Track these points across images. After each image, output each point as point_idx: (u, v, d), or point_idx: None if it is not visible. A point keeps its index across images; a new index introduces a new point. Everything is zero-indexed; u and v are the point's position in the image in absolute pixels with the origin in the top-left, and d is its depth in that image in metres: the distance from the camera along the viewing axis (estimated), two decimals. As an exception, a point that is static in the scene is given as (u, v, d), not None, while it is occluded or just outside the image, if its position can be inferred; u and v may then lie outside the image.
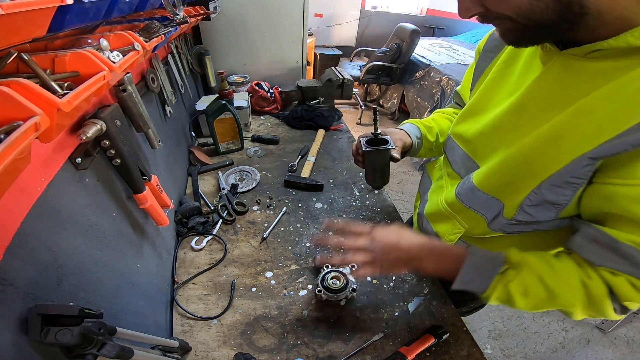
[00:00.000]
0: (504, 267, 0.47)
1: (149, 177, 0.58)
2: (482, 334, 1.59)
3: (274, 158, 1.20)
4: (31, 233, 0.33)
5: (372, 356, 0.61)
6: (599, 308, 0.45)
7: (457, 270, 0.49)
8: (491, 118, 0.55)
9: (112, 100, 0.53)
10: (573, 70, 0.43)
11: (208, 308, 0.69)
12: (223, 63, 1.55)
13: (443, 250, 0.53)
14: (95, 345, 0.33)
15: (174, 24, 0.65)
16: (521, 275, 0.46)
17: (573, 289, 0.45)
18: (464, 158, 0.61)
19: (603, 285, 0.44)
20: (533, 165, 0.46)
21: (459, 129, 0.64)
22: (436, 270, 0.53)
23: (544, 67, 0.47)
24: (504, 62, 0.57)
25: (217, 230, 0.87)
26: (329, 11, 4.86)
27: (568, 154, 0.42)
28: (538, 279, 0.46)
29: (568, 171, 0.42)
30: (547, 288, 0.46)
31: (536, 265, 0.47)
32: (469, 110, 0.62)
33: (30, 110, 0.25)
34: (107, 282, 0.47)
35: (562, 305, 0.47)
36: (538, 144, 0.45)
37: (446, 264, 0.52)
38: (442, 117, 0.82)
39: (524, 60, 0.53)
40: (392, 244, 0.54)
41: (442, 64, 2.94)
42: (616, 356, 1.52)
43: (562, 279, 0.45)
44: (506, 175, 0.50)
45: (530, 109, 0.48)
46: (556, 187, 0.44)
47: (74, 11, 0.33)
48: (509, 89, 0.54)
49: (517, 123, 0.50)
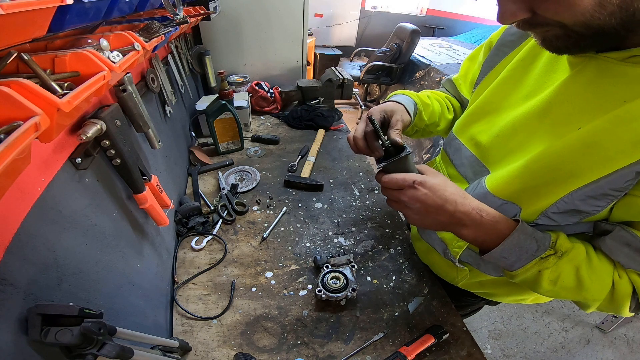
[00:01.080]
0: (547, 252, 0.44)
1: (149, 177, 0.58)
2: (482, 334, 1.59)
3: (274, 158, 1.20)
4: (31, 233, 0.33)
5: (372, 356, 0.61)
6: (617, 305, 0.45)
7: (495, 244, 0.46)
8: (509, 120, 0.52)
9: (112, 100, 0.53)
10: (610, 75, 0.40)
11: (208, 308, 0.69)
12: (223, 63, 1.55)
13: (490, 224, 0.46)
14: (95, 345, 0.33)
15: (174, 24, 0.65)
16: (559, 263, 0.44)
17: (603, 286, 0.44)
18: (472, 161, 0.58)
19: (629, 285, 0.44)
20: (561, 172, 0.43)
21: (468, 129, 0.60)
22: (473, 240, 0.48)
23: (574, 70, 0.44)
24: (521, 60, 0.54)
25: (217, 230, 0.87)
26: (329, 11, 4.86)
27: (607, 164, 0.39)
28: (574, 270, 0.44)
29: (609, 183, 0.39)
30: (579, 280, 0.44)
31: (579, 255, 0.45)
32: (480, 110, 0.58)
33: (30, 110, 0.25)
34: (107, 282, 0.47)
35: (585, 298, 0.46)
36: (568, 151, 0.42)
37: (487, 237, 0.47)
38: (435, 98, 0.75)
39: (546, 60, 0.50)
40: (436, 204, 0.46)
41: (442, 64, 2.94)
42: (616, 356, 1.52)
43: (596, 274, 0.44)
44: (527, 182, 0.46)
45: (557, 113, 0.45)
46: (591, 198, 0.41)
47: (74, 11, 0.33)
48: (526, 89, 0.51)
49: (540, 127, 0.47)
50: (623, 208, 0.42)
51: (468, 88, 0.71)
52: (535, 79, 0.51)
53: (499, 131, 0.53)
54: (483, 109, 0.58)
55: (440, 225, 0.48)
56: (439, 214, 0.46)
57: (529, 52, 0.53)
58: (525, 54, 0.54)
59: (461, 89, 0.74)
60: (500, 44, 0.60)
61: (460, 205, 0.46)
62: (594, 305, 0.47)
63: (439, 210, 0.46)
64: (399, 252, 0.83)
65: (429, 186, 0.46)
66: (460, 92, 0.75)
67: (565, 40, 0.38)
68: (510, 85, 0.55)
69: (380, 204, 0.99)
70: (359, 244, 0.86)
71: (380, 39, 4.35)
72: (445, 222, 0.47)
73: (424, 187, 0.46)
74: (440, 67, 2.82)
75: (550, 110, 0.46)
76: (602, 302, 0.45)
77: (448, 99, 0.77)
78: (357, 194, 1.04)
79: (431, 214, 0.47)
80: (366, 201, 1.00)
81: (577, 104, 0.43)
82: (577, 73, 0.44)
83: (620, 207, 0.42)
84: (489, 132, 0.55)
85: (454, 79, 0.76)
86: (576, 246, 0.45)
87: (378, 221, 0.93)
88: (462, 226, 0.47)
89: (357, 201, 1.00)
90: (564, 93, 0.45)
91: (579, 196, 0.42)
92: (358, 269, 0.78)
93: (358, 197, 1.02)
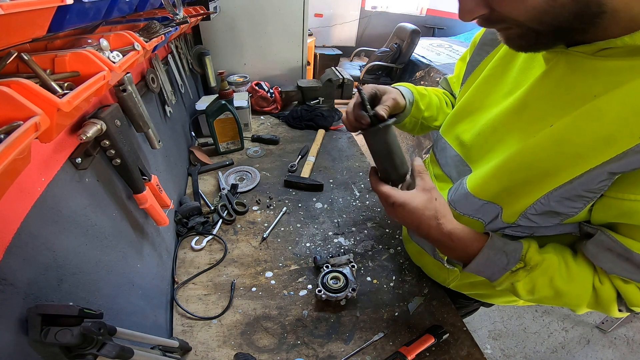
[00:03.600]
0: (517, 266, 0.45)
1: (149, 177, 0.58)
2: (482, 334, 1.59)
3: (274, 158, 1.20)
4: (31, 233, 0.33)
5: (372, 356, 0.61)
6: (603, 309, 0.45)
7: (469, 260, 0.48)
8: (489, 118, 0.52)
9: (112, 100, 0.53)
10: (580, 69, 0.40)
11: (208, 308, 0.69)
12: (223, 63, 1.55)
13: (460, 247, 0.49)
14: (95, 345, 0.33)
15: (174, 24, 0.65)
16: (532, 275, 0.45)
17: (582, 293, 0.45)
18: (456, 160, 0.58)
19: (613, 291, 0.43)
20: (536, 170, 0.43)
21: (453, 129, 0.60)
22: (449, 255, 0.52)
23: (547, 66, 0.44)
24: (501, 58, 0.54)
25: (217, 230, 0.87)
26: (329, 11, 4.86)
27: (579, 162, 0.38)
28: (548, 281, 0.45)
29: (582, 184, 0.39)
30: (555, 289, 0.45)
31: (551, 265, 0.45)
32: (464, 109, 0.59)
33: (30, 110, 0.25)
34: (107, 282, 0.47)
35: (566, 304, 0.47)
36: (540, 148, 0.42)
37: (460, 257, 0.50)
38: (433, 92, 0.75)
39: (524, 57, 0.50)
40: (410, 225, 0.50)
41: (442, 64, 2.94)
42: (616, 356, 1.52)
43: (574, 282, 0.45)
44: (504, 181, 0.47)
45: (532, 110, 0.45)
46: (566, 199, 0.41)
47: (74, 11, 0.33)
48: (507, 87, 0.51)
49: (517, 124, 0.47)
50: (601, 210, 0.41)
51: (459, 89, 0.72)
52: (514, 76, 0.51)
53: (479, 129, 0.53)
54: (466, 108, 0.58)
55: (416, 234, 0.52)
56: (415, 231, 0.50)
57: (509, 50, 0.53)
58: (505, 52, 0.54)
59: (454, 88, 0.75)
60: (482, 42, 0.60)
61: (433, 229, 0.48)
62: (579, 310, 0.47)
63: (415, 229, 0.50)
64: (399, 252, 0.83)
65: (407, 210, 0.49)
66: (454, 91, 0.75)
67: (525, 39, 0.38)
68: (492, 83, 0.55)
69: (380, 204, 0.99)
70: (359, 244, 0.86)
71: (380, 39, 4.35)
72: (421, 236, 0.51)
73: (403, 209, 0.49)
74: (440, 67, 2.82)
75: (527, 107, 0.46)
76: (588, 306, 0.46)
77: (446, 95, 0.77)
78: (357, 194, 1.04)
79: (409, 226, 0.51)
80: (366, 201, 1.00)
81: (549, 100, 0.43)
82: (550, 69, 0.43)
83: (598, 209, 0.41)
84: (471, 131, 0.55)
85: (449, 79, 0.77)
86: (547, 257, 0.46)
87: (378, 221, 0.93)
88: (436, 245, 0.52)
89: (357, 201, 1.00)
90: (539, 89, 0.45)
91: (555, 197, 0.42)
92: (358, 269, 0.78)
93: (358, 197, 1.02)
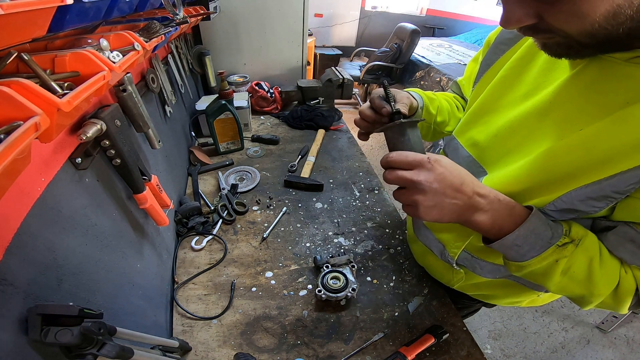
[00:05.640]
0: (563, 240, 0.42)
1: (149, 177, 0.58)
2: (482, 334, 1.59)
3: (274, 158, 1.20)
4: (31, 233, 0.33)
5: (372, 356, 0.61)
6: (619, 301, 0.44)
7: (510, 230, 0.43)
8: (507, 120, 0.51)
9: (112, 100, 0.53)
10: (613, 75, 0.39)
11: (208, 308, 0.69)
12: (223, 63, 1.55)
13: (508, 205, 0.44)
14: (95, 345, 0.33)
15: (174, 24, 0.65)
16: (575, 252, 0.42)
17: (611, 281, 0.43)
18: (469, 162, 0.57)
19: (633, 282, 0.43)
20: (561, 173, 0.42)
21: (466, 130, 0.59)
22: (489, 225, 0.44)
23: (575, 70, 0.43)
24: (520, 59, 0.53)
25: (217, 230, 0.87)
26: (329, 11, 4.86)
27: (608, 166, 0.38)
28: (587, 261, 0.42)
29: (612, 185, 0.38)
30: (590, 272, 0.42)
31: (592, 245, 0.43)
32: (479, 110, 0.58)
33: (30, 110, 0.25)
34: (107, 282, 0.47)
35: (590, 293, 0.44)
36: (567, 151, 0.41)
37: (504, 222, 0.44)
38: (443, 97, 0.73)
39: (545, 58, 0.49)
40: (453, 185, 0.42)
41: (442, 64, 2.94)
42: (616, 356, 1.52)
43: (606, 268, 0.43)
44: (524, 183, 0.45)
45: (557, 114, 0.44)
46: (591, 199, 0.40)
47: (74, 11, 0.33)
48: (524, 88, 0.50)
49: (540, 127, 0.46)
50: (625, 210, 0.41)
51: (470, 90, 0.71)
52: (534, 77, 0.50)
53: (497, 131, 0.52)
54: (482, 109, 0.57)
55: (455, 211, 0.43)
56: (456, 197, 0.42)
57: (528, 50, 0.52)
58: (524, 52, 0.53)
59: (465, 91, 0.74)
60: (498, 41, 0.59)
61: (477, 186, 0.43)
62: (596, 301, 0.45)
63: (457, 192, 0.42)
64: (399, 252, 0.83)
65: (444, 164, 0.42)
66: (464, 94, 0.74)
67: (567, 49, 0.37)
68: (508, 84, 0.54)
69: (380, 204, 0.99)
70: (359, 244, 0.86)
71: (380, 39, 4.36)
72: (462, 206, 0.43)
73: (440, 165, 0.42)
74: (440, 67, 2.82)
75: (551, 111, 0.45)
76: (606, 298, 0.44)
77: (456, 99, 0.76)
78: (357, 194, 1.04)
79: (448, 197, 0.42)
80: (366, 201, 1.00)
81: (578, 105, 0.43)
82: (579, 72, 0.43)
83: (622, 208, 0.41)
84: (486, 132, 0.54)
85: (459, 81, 0.76)
86: (590, 234, 0.43)
87: (378, 221, 0.93)
88: (478, 211, 0.43)
89: (357, 201, 1.00)
90: (565, 93, 0.44)
91: (579, 196, 0.41)
92: (358, 269, 0.78)
93: (358, 197, 1.02)
